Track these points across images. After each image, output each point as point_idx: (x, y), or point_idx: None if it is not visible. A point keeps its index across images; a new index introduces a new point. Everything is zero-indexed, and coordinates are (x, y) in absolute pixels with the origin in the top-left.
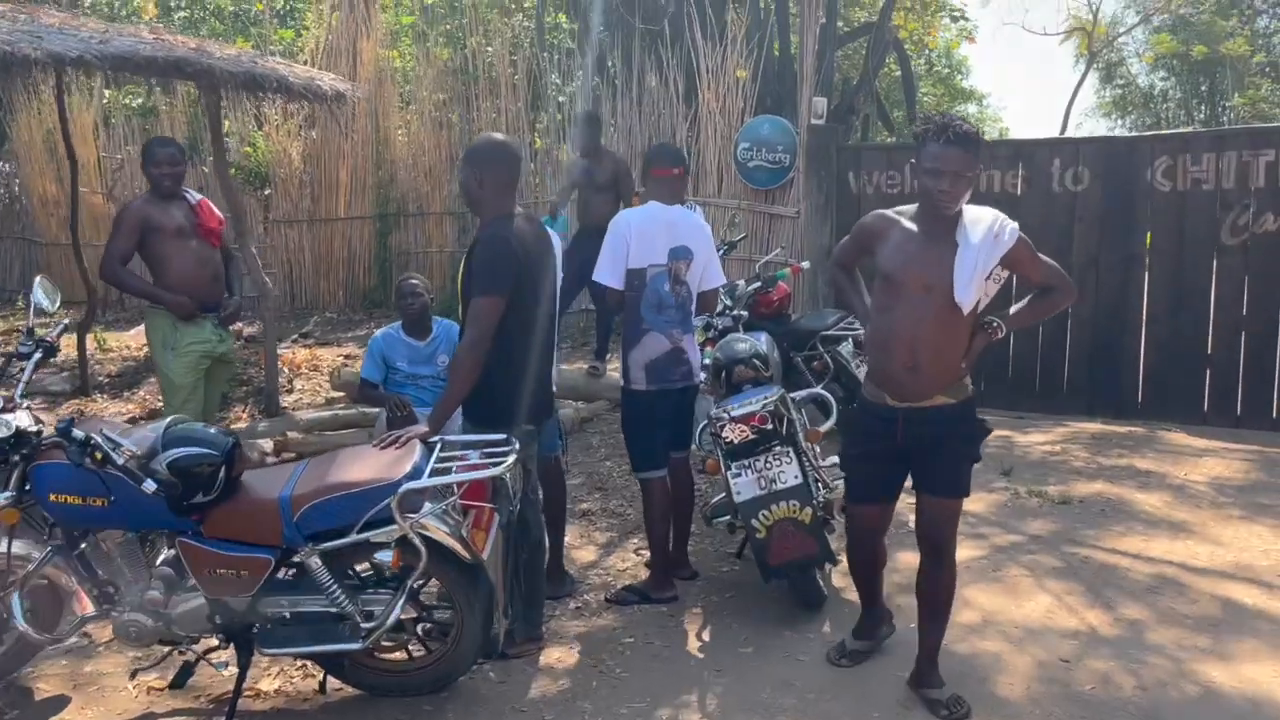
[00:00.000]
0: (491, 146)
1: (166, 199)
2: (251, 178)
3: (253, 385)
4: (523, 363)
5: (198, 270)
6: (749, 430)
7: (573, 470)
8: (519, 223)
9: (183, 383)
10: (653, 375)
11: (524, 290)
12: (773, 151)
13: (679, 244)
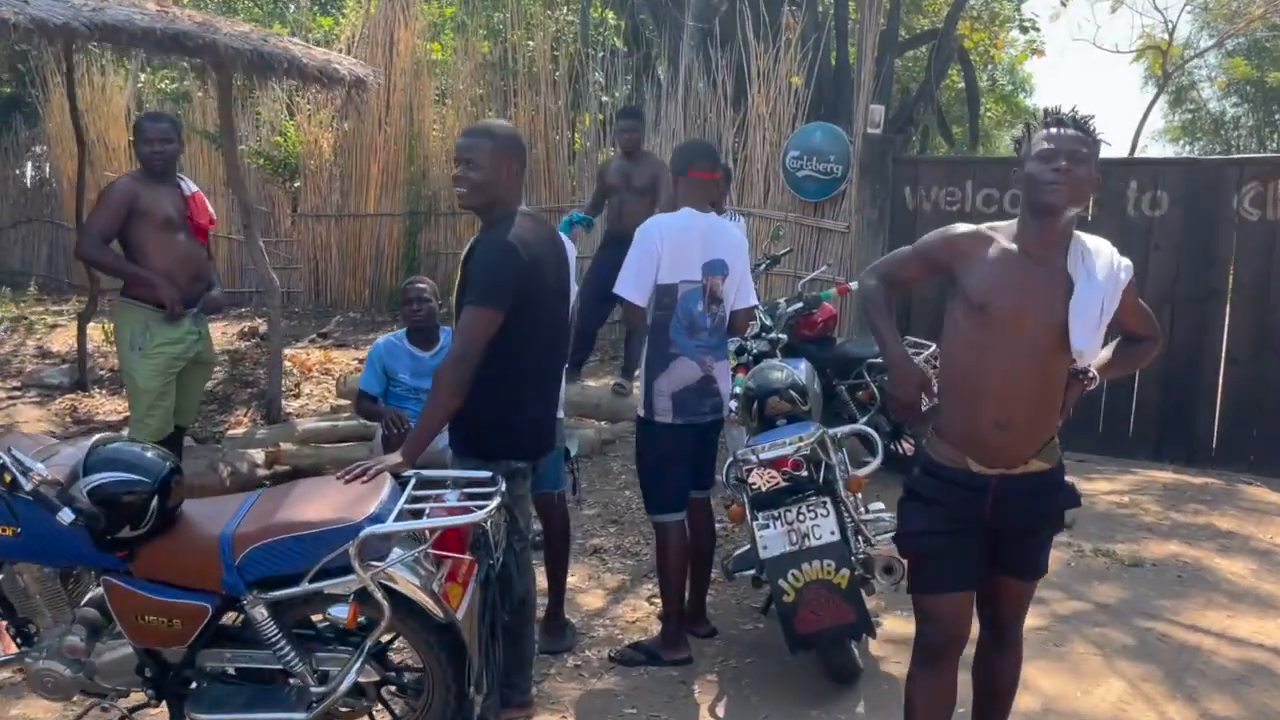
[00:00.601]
0: (515, 134)
1: (157, 181)
2: (280, 168)
3: (259, 387)
4: (518, 389)
5: (181, 266)
6: (780, 476)
7: (587, 500)
8: (527, 224)
9: (149, 387)
10: (680, 407)
11: (527, 304)
12: (824, 161)
13: (714, 257)
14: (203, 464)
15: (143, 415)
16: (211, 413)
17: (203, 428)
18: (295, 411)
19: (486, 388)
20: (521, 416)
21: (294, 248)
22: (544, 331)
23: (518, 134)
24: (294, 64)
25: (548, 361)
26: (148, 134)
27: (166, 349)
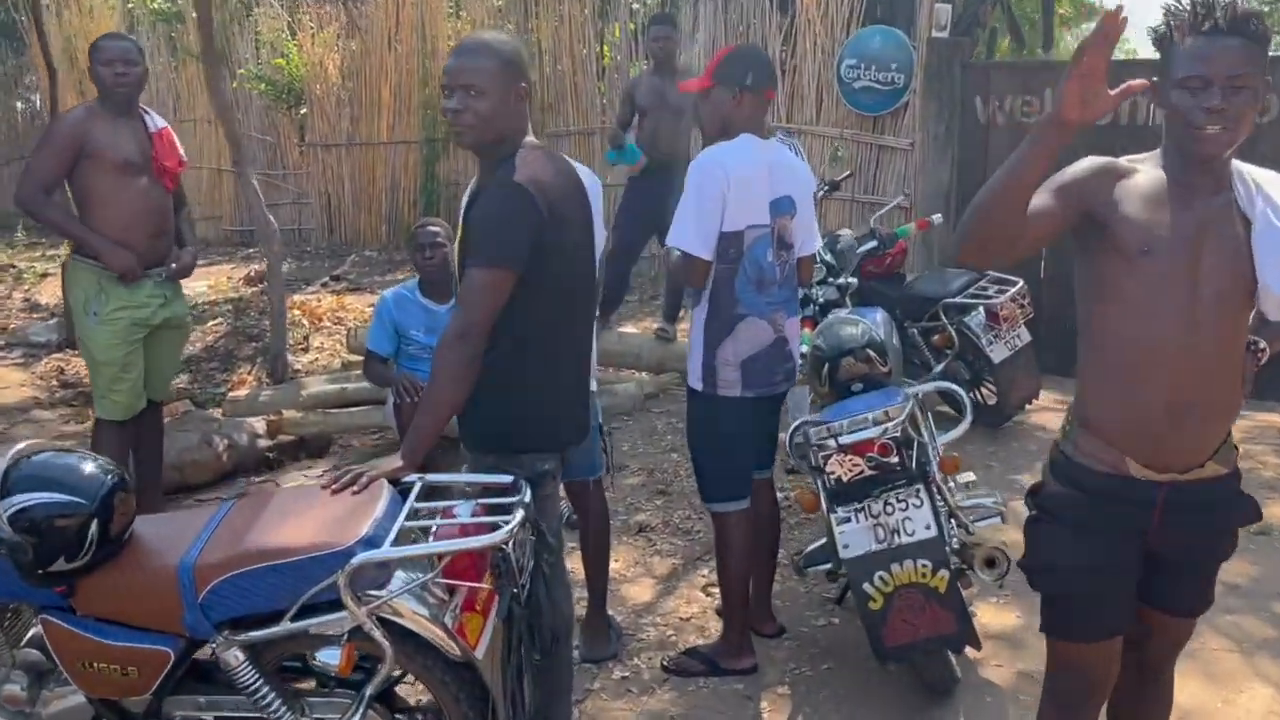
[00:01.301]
0: (519, 46)
1: (117, 114)
2: (284, 94)
3: (264, 341)
4: (540, 365)
5: (143, 218)
6: (864, 464)
7: (630, 466)
8: (540, 159)
9: (108, 358)
10: (751, 377)
11: (547, 259)
12: (884, 70)
13: (781, 194)
14: (195, 437)
15: (105, 390)
16: (212, 371)
17: (203, 389)
18: (304, 369)
19: (500, 367)
20: (546, 400)
21: (303, 180)
22: (569, 292)
23: (519, 48)
24: None
25: (574, 328)
26: (107, 54)
27: (125, 313)
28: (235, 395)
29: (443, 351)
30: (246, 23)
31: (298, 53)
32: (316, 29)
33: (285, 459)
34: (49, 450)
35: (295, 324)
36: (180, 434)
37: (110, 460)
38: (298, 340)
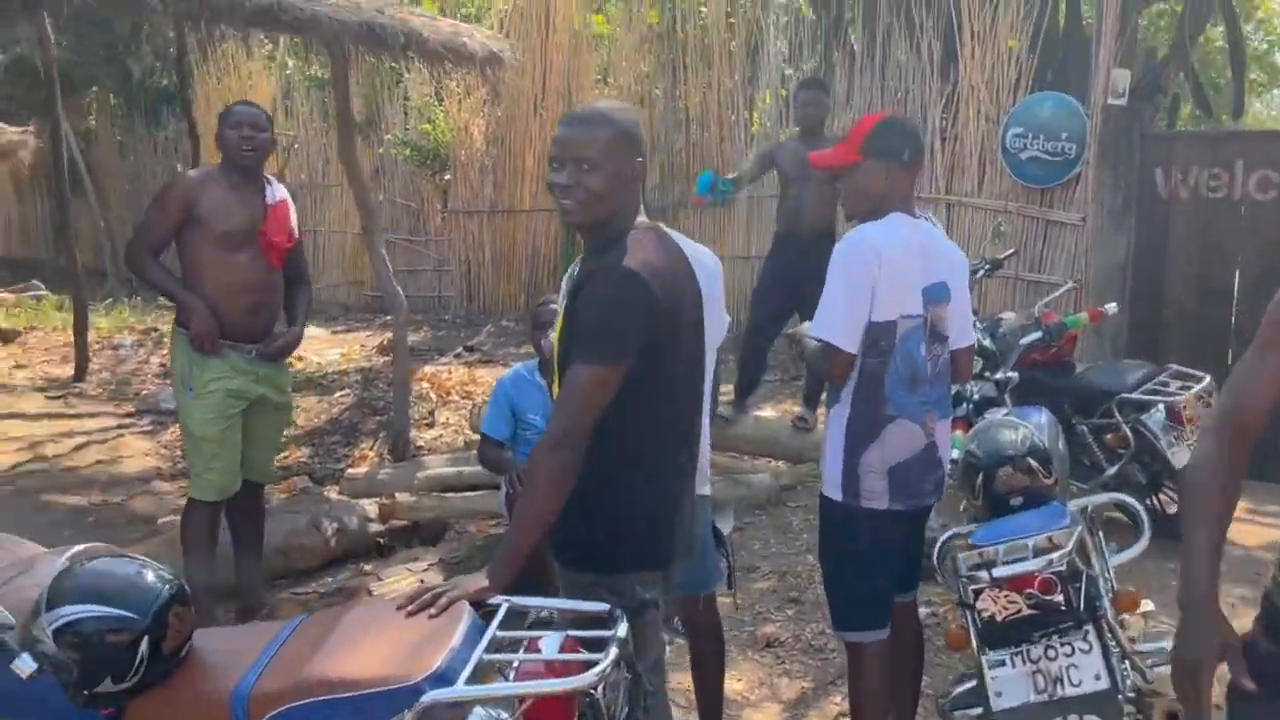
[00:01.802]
0: (635, 116)
1: (238, 182)
2: (429, 159)
3: (389, 415)
4: (646, 473)
5: (239, 291)
6: (1022, 601)
7: (760, 568)
8: (653, 241)
9: (204, 434)
10: (898, 487)
11: (659, 354)
12: (1054, 139)
13: (935, 279)
14: (303, 520)
15: (200, 469)
16: (334, 445)
17: (323, 464)
18: (427, 446)
19: (596, 474)
20: (647, 511)
21: (445, 247)
22: (677, 389)
23: (637, 116)
24: (412, 38)
25: (682, 429)
26: (236, 118)
27: (218, 384)
28: (354, 472)
29: (539, 459)
30: (396, 90)
31: (444, 118)
32: (463, 95)
33: (397, 545)
34: (104, 556)
35: (422, 397)
36: (288, 516)
37: (167, 571)
38: (423, 415)
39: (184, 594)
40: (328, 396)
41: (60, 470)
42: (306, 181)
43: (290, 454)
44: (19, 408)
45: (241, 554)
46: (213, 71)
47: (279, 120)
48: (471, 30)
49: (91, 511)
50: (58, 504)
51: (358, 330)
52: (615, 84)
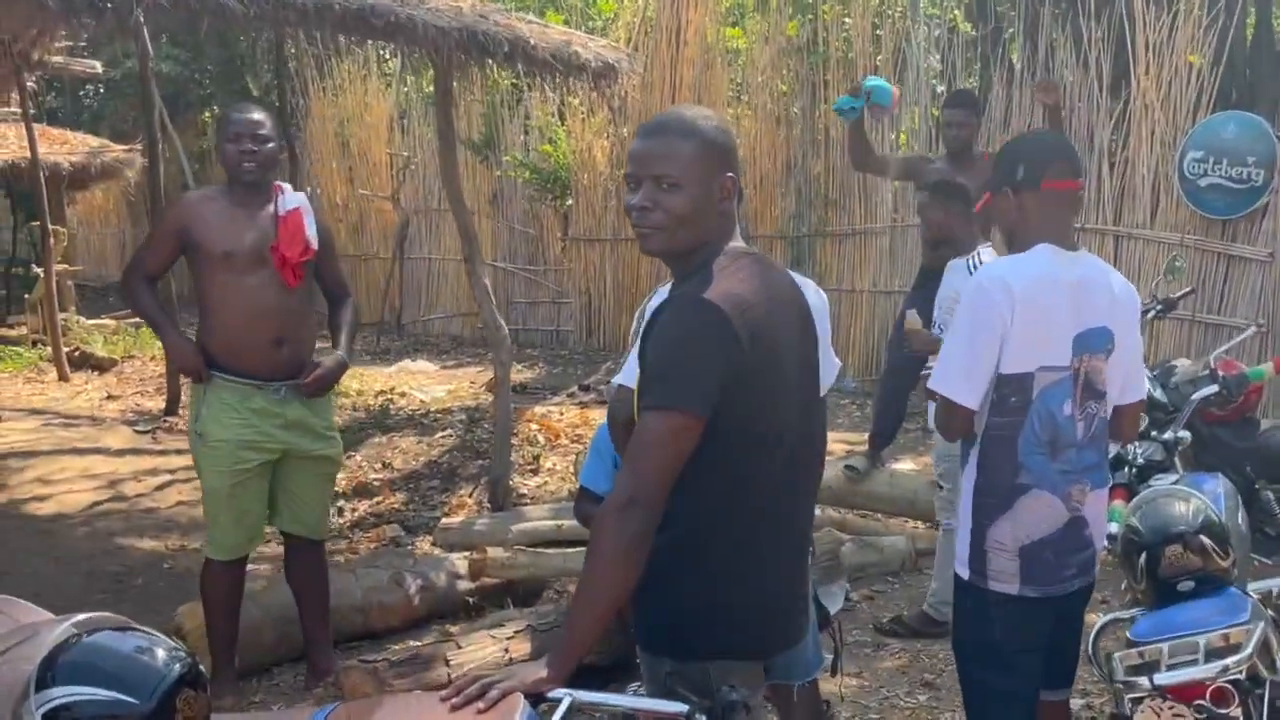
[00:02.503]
0: (726, 126)
1: (243, 197)
2: (550, 183)
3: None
4: (737, 546)
5: (257, 320)
6: (1190, 715)
7: (890, 645)
8: (748, 268)
9: (215, 486)
10: (1033, 569)
11: (747, 401)
12: (1238, 165)
13: (1093, 324)
14: (385, 575)
15: (212, 524)
16: (431, 491)
17: (417, 512)
18: (530, 495)
19: (678, 545)
20: (741, 590)
21: (564, 278)
22: (775, 443)
23: (727, 124)
24: (519, 46)
25: (783, 491)
26: (234, 127)
27: (230, 434)
28: (449, 522)
29: (603, 525)
30: (517, 108)
31: (566, 139)
32: (587, 113)
33: (488, 605)
34: (108, 628)
35: (529, 440)
36: (368, 571)
37: (179, 647)
38: (527, 460)
39: (197, 675)
40: (428, 437)
41: (139, 511)
42: (422, 205)
43: (384, 499)
44: (104, 442)
45: (304, 616)
46: (329, 89)
47: (396, 142)
48: (585, 40)
49: (168, 557)
50: (133, 548)
51: (468, 365)
52: (750, 102)
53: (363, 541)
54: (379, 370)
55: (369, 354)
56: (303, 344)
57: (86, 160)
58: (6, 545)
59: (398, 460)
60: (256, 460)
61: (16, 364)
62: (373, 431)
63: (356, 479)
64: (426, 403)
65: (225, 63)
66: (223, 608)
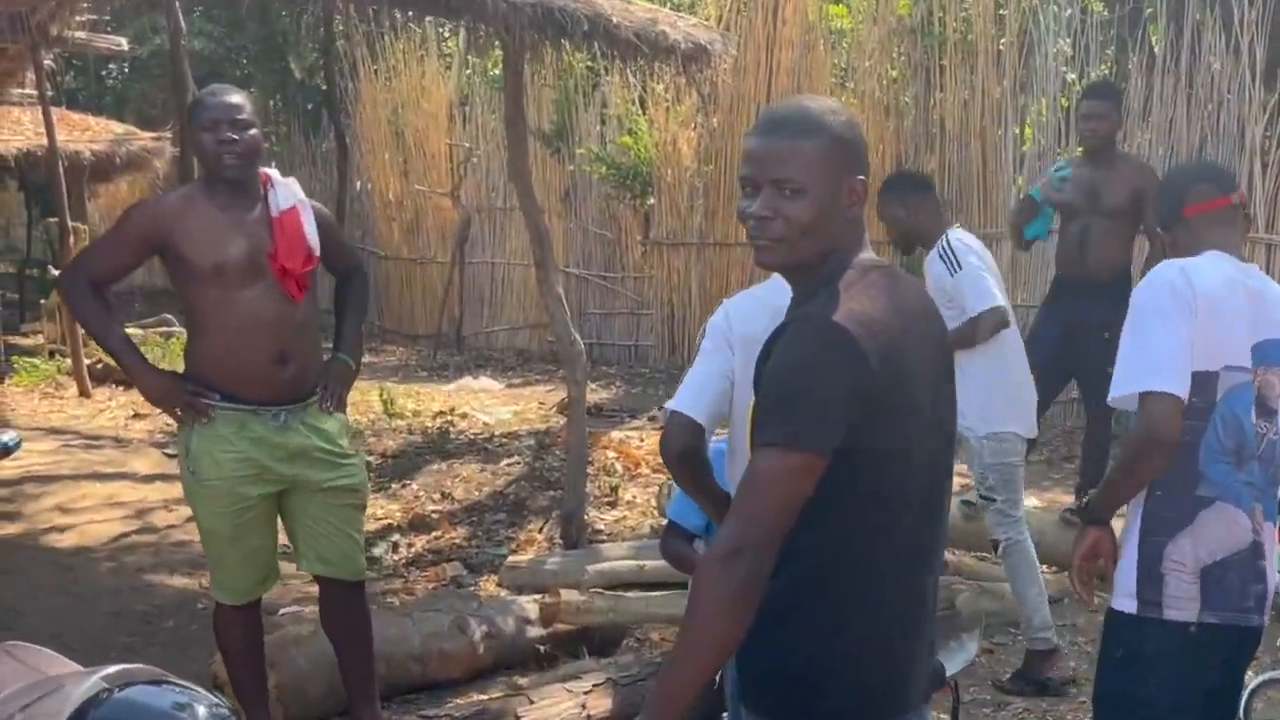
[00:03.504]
0: (854, 120)
1: (228, 197)
2: (629, 179)
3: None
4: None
5: (256, 338)
6: None
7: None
8: (878, 283)
9: (214, 528)
10: (1215, 593)
11: (876, 435)
12: None
13: (1271, 335)
14: (446, 620)
15: (214, 566)
16: (496, 525)
17: (480, 548)
18: (607, 530)
19: (792, 598)
20: (862, 648)
21: (644, 286)
22: (905, 482)
23: (856, 120)
24: (599, 24)
25: (915, 533)
26: (211, 113)
27: (224, 468)
28: (516, 560)
29: (706, 575)
30: (593, 95)
31: (648, 130)
32: (671, 101)
33: (560, 655)
34: (141, 682)
35: (606, 469)
36: (427, 615)
37: (226, 702)
38: (604, 491)
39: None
40: (492, 465)
41: (170, 544)
42: (485, 203)
43: (443, 533)
44: (131, 466)
45: (345, 668)
46: (382, 71)
47: (456, 131)
48: (673, 18)
49: (202, 596)
50: (163, 586)
51: (537, 384)
52: (856, 89)
53: (420, 581)
54: (437, 389)
55: (424, 370)
56: (307, 361)
57: (110, 149)
58: (23, 581)
59: (458, 490)
60: (253, 496)
61: (32, 377)
62: (430, 458)
63: (413, 511)
64: (490, 426)
65: (265, 40)
66: (242, 657)
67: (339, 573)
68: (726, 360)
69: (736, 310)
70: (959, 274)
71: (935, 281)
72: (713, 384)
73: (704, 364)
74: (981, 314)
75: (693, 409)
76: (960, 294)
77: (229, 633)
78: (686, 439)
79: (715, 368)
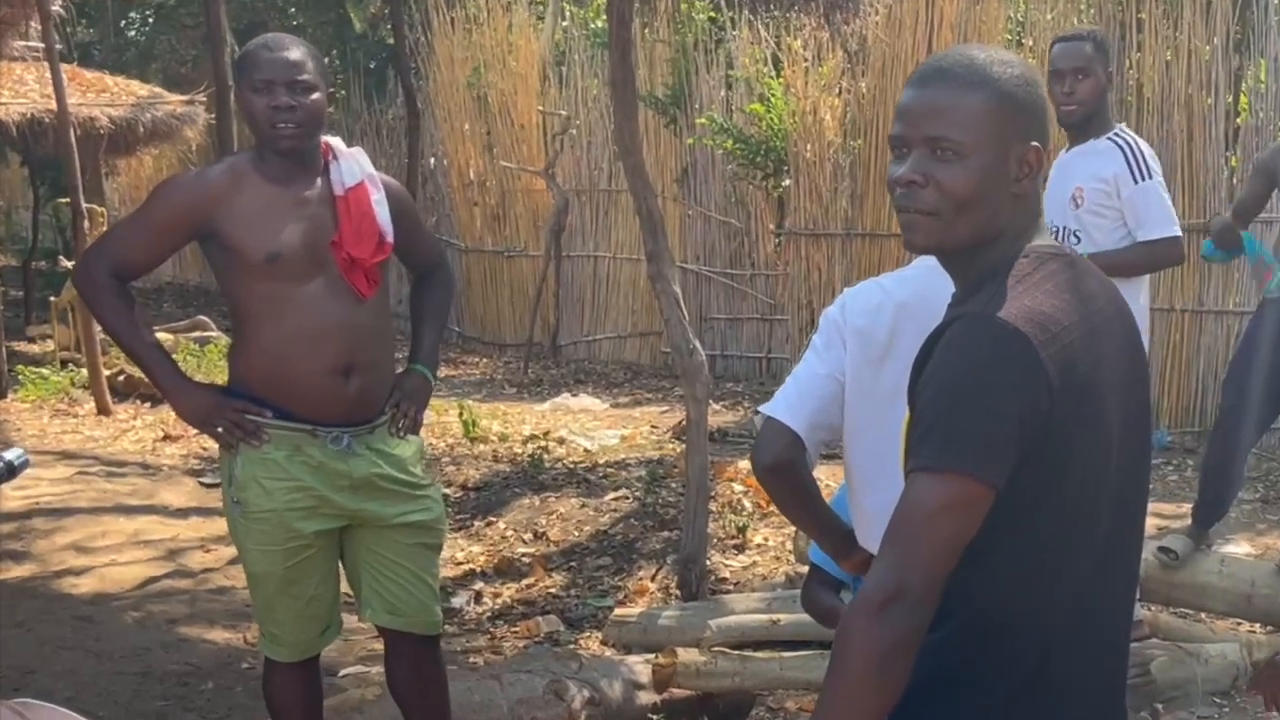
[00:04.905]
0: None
1: (282, 170)
2: (759, 156)
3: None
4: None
5: (316, 347)
6: None
7: None
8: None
9: (265, 571)
10: None
11: (1057, 459)
12: None
13: None
14: (540, 683)
15: (264, 618)
16: (599, 571)
17: (580, 598)
18: (733, 578)
19: (957, 654)
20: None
21: (778, 286)
22: (1096, 513)
23: (1035, 75)
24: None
25: (1102, 580)
26: (263, 72)
27: (274, 500)
28: (624, 613)
29: (854, 626)
30: (716, 52)
31: (783, 95)
32: (811, 60)
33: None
34: None
35: (732, 506)
36: (518, 678)
37: None
38: (730, 532)
39: None
40: (595, 500)
41: (208, 591)
42: (586, 184)
43: (536, 581)
44: (161, 498)
45: None
46: (459, 22)
47: (551, 97)
48: None
49: (248, 654)
50: (200, 642)
51: (648, 403)
52: (1034, 48)
53: (508, 638)
54: (528, 408)
55: (513, 386)
56: (377, 373)
57: (132, 114)
58: (33, 634)
59: (555, 530)
60: (316, 528)
61: (41, 390)
62: (521, 490)
63: (499, 554)
64: (593, 453)
65: None
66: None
67: (410, 625)
68: (837, 359)
69: (854, 300)
70: (1146, 183)
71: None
72: (817, 387)
73: (810, 363)
74: (1161, 240)
75: (789, 415)
76: (1136, 207)
77: (281, 696)
78: (780, 450)
79: (822, 368)
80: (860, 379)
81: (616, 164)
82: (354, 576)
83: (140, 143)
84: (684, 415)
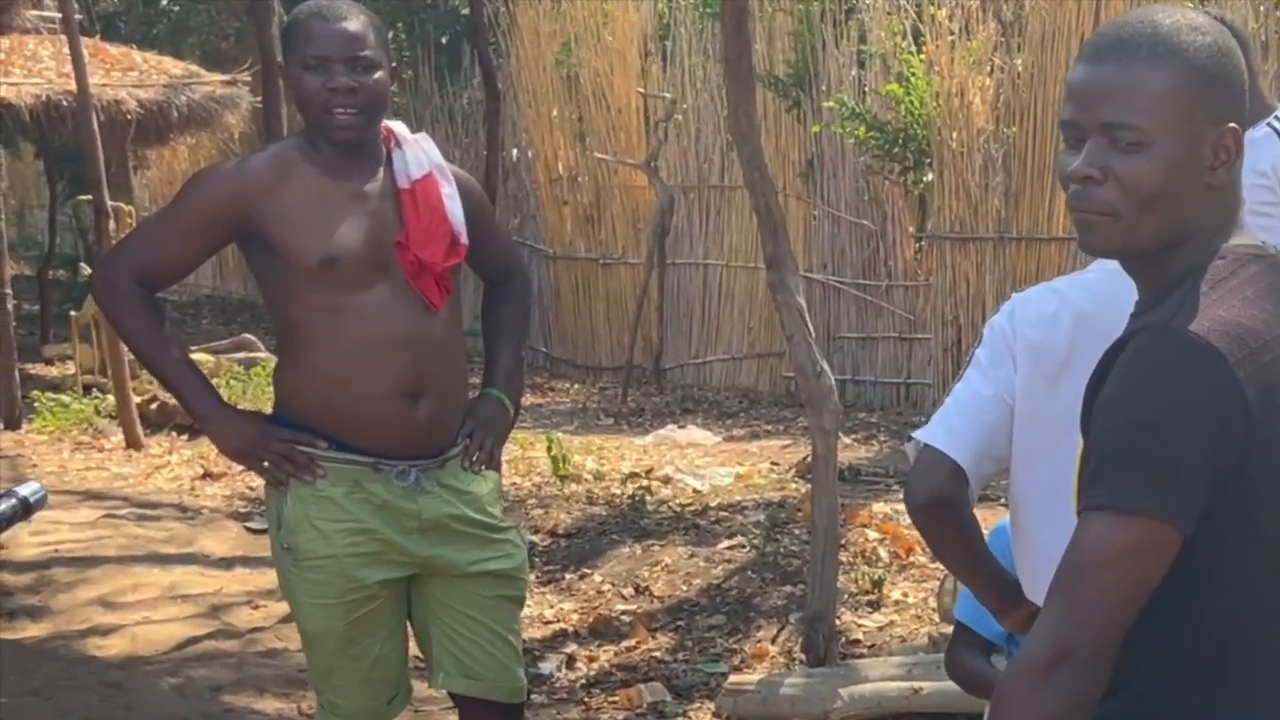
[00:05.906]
0: (1230, 46)
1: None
2: (898, 146)
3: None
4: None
5: (378, 367)
6: None
7: None
8: (1259, 287)
9: (321, 629)
10: None
11: (1261, 495)
12: None
13: None
14: None
15: (320, 680)
16: (711, 632)
17: (689, 663)
18: (866, 640)
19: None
20: None
21: (918, 299)
22: None
23: (1229, 44)
24: None
25: None
26: (316, 46)
27: (332, 546)
28: (740, 681)
29: (1012, 694)
30: (846, 25)
31: (924, 75)
32: (958, 33)
33: None
34: None
35: (866, 556)
36: None
37: None
38: (863, 588)
39: None
40: (706, 548)
41: (256, 654)
42: (694, 179)
43: (638, 642)
44: (203, 546)
45: None
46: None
47: (653, 77)
48: None
49: None
50: (248, 712)
51: (767, 436)
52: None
53: (607, 709)
54: (628, 441)
55: (610, 416)
56: (450, 397)
57: (164, 97)
58: (53, 702)
59: (659, 583)
60: (381, 577)
61: (60, 420)
62: (620, 538)
63: (595, 611)
64: (703, 494)
65: None
66: None
67: (489, 692)
68: (1006, 377)
69: (1026, 308)
70: None
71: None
72: (982, 410)
73: (973, 381)
74: None
75: (951, 443)
76: None
77: None
78: (940, 484)
79: (988, 388)
80: (1031, 400)
81: (730, 155)
82: (423, 635)
83: (174, 130)
84: (809, 450)
